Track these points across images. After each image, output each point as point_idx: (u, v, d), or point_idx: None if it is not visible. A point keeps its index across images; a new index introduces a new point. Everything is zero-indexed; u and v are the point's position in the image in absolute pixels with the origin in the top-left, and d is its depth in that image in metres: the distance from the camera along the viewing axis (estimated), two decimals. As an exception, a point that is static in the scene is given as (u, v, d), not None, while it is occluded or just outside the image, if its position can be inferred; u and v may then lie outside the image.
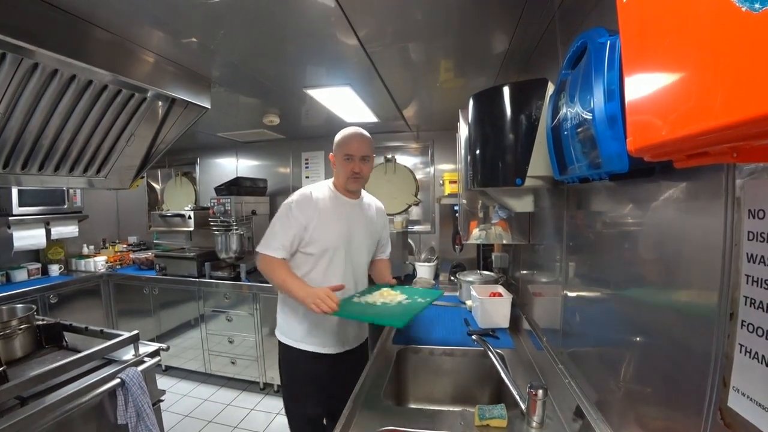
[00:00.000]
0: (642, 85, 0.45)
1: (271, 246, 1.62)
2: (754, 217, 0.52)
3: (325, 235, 1.64)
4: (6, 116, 1.46)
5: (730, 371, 0.56)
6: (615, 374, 0.93)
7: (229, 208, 3.26)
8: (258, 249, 1.65)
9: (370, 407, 1.23)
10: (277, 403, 3.11)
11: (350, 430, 1.12)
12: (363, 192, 1.84)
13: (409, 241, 3.36)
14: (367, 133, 1.72)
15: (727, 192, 0.57)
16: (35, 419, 1.29)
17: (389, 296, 1.64)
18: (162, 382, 3.35)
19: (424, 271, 3.03)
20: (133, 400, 1.53)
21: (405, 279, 3.08)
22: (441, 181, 3.18)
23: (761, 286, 0.51)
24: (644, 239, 0.83)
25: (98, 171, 1.98)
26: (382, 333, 1.87)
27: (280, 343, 1.74)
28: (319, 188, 1.73)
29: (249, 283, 3.21)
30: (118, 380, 1.52)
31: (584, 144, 0.80)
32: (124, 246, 4.18)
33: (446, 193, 2.88)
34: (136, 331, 1.70)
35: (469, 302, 2.19)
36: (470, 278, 2.33)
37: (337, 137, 1.70)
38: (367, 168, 1.70)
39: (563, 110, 0.90)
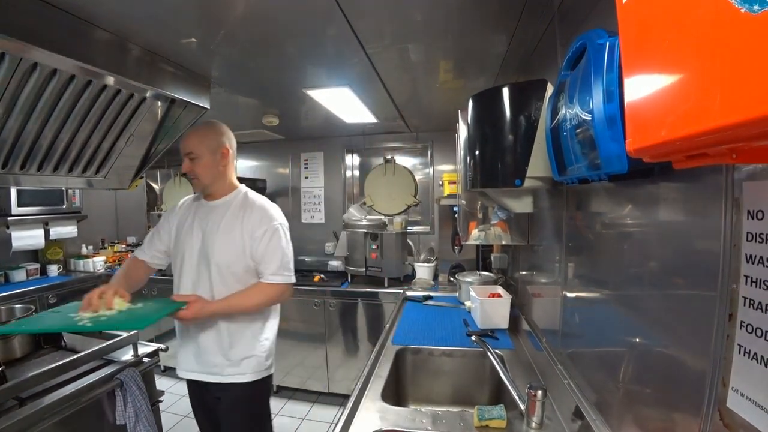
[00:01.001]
0: (641, 86, 0.45)
1: (138, 249, 1.66)
2: (753, 218, 0.52)
3: (178, 244, 1.56)
4: (5, 116, 1.45)
5: (729, 372, 0.56)
6: (614, 375, 0.93)
7: (229, 208, 3.25)
8: None
9: (368, 407, 1.23)
10: (276, 404, 3.11)
11: (349, 431, 1.11)
12: (242, 193, 1.57)
13: (408, 241, 3.36)
14: (206, 126, 1.51)
15: (727, 193, 0.57)
16: (34, 420, 1.28)
17: (110, 309, 1.36)
18: (161, 382, 3.33)
19: (423, 271, 3.03)
20: (131, 401, 1.53)
21: (404, 279, 3.09)
22: (440, 182, 3.18)
23: (760, 287, 0.51)
24: (643, 240, 0.83)
25: (97, 171, 1.97)
26: (382, 332, 1.87)
27: None
28: (195, 196, 1.66)
29: (248, 284, 3.20)
30: (117, 381, 1.52)
31: (583, 145, 0.81)
32: (123, 246, 4.17)
33: (445, 194, 2.89)
34: (135, 331, 1.70)
35: (468, 303, 2.19)
36: (469, 279, 2.33)
37: None
38: (199, 168, 1.47)
39: (562, 111, 0.90)
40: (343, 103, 2.49)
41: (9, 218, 3.02)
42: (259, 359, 1.52)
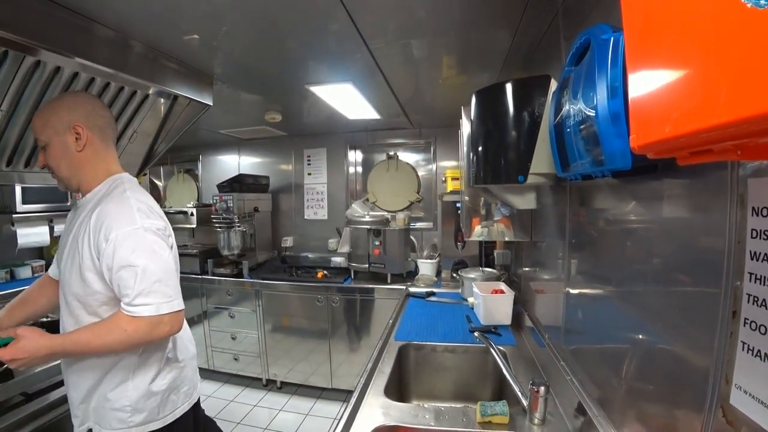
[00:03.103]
0: (645, 82, 0.45)
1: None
2: (757, 215, 0.52)
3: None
4: (9, 114, 1.46)
5: (732, 369, 0.56)
6: (617, 371, 0.93)
7: (232, 205, 3.26)
8: None
9: (371, 403, 1.24)
10: (280, 400, 3.13)
11: (352, 427, 1.12)
12: (108, 186, 1.16)
13: (411, 237, 3.36)
14: (52, 102, 1.16)
15: (731, 190, 0.57)
16: (40, 415, 1.30)
17: None
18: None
19: (426, 267, 3.03)
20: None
21: (407, 276, 3.09)
22: (443, 178, 3.17)
23: (764, 284, 0.51)
24: (647, 237, 0.83)
25: (101, 168, 1.98)
26: (384, 329, 1.88)
27: None
28: None
29: (251, 280, 3.22)
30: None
31: (587, 141, 0.80)
32: (127, 243, 4.18)
33: (448, 190, 2.88)
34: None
35: (471, 299, 2.19)
36: (472, 275, 2.33)
37: None
38: (50, 158, 1.13)
39: (566, 107, 0.89)
40: (345, 99, 2.48)
41: (14, 215, 3.04)
42: (118, 414, 1.10)
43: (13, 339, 1.00)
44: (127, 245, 1.04)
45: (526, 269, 2.06)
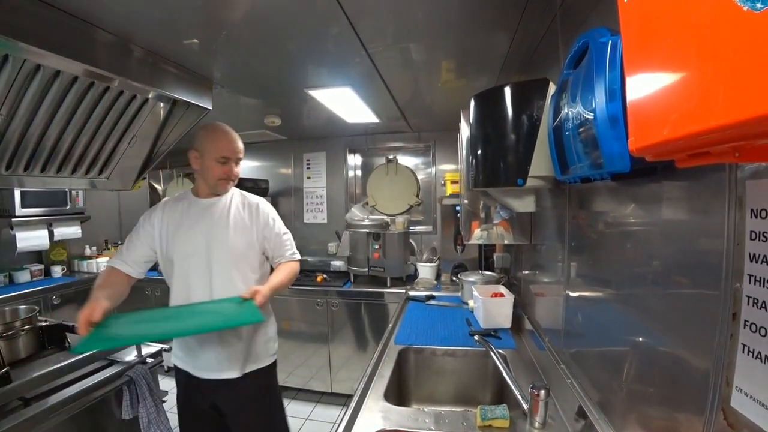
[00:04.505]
0: (643, 85, 0.45)
1: (115, 258, 1.55)
2: (756, 217, 0.52)
3: (177, 245, 1.50)
4: (8, 118, 1.46)
5: (732, 371, 0.55)
6: (617, 374, 0.93)
7: (231, 208, 3.26)
8: None
9: (371, 407, 1.23)
10: (279, 404, 3.11)
11: (352, 431, 1.12)
12: (235, 189, 1.67)
13: (411, 241, 3.36)
14: (235, 133, 1.60)
15: (730, 191, 0.57)
16: (38, 420, 1.29)
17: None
18: (164, 383, 3.34)
19: (425, 271, 3.03)
20: (142, 398, 1.55)
21: (407, 279, 3.09)
22: (442, 182, 3.18)
23: (764, 286, 0.51)
24: (646, 239, 0.83)
25: (100, 172, 1.98)
26: (385, 332, 1.87)
27: None
28: (177, 197, 1.64)
29: (251, 284, 3.21)
30: (126, 377, 1.53)
31: (586, 144, 0.80)
32: (127, 247, 4.18)
33: (448, 194, 2.88)
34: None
35: (470, 302, 2.19)
36: (472, 278, 2.33)
37: (206, 135, 1.52)
38: (239, 170, 1.60)
39: (565, 110, 0.90)
40: (344, 103, 2.49)
41: (13, 219, 3.04)
42: (270, 344, 1.65)
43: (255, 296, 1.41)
44: (281, 222, 1.70)
45: (526, 272, 2.06)
